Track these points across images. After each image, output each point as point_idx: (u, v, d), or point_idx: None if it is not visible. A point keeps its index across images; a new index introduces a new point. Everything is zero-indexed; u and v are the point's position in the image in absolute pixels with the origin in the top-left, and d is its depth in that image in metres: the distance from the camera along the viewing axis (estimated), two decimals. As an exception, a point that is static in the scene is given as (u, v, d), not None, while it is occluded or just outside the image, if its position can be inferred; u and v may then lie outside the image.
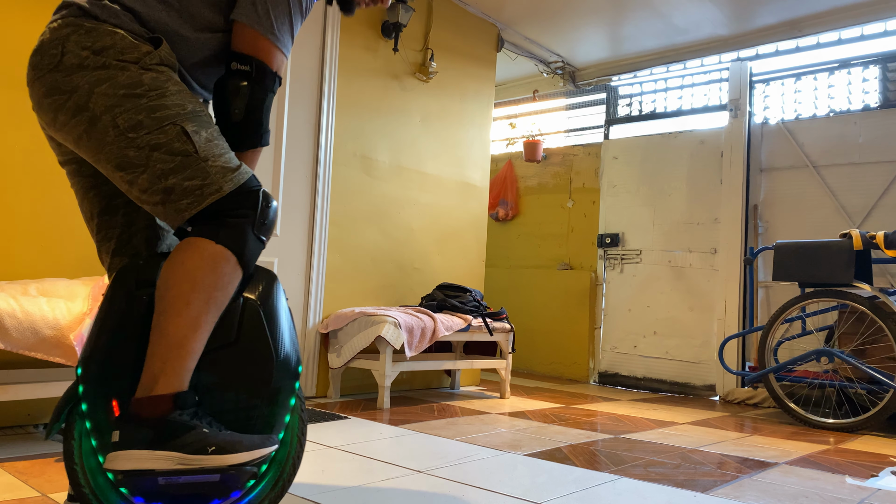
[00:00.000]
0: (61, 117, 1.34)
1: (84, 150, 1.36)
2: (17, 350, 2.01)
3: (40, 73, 1.34)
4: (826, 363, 3.58)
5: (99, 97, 1.31)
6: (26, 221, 2.62)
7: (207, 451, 1.23)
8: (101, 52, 1.33)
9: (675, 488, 2.10)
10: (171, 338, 1.26)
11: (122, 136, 1.31)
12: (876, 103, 4.27)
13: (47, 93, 1.34)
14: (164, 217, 1.35)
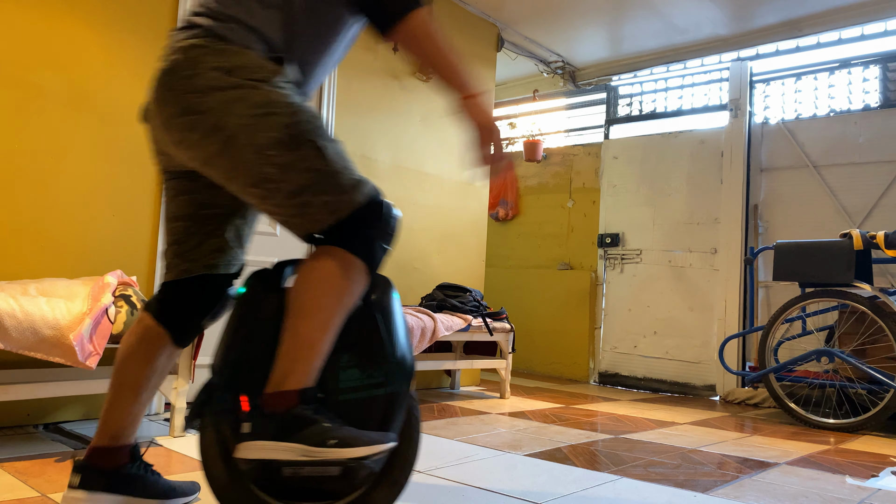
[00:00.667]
0: (193, 136, 1.37)
1: (214, 167, 1.39)
2: (17, 350, 2.01)
3: (172, 94, 1.37)
4: (826, 363, 3.58)
5: (234, 117, 1.34)
6: (26, 221, 2.62)
7: (328, 444, 1.29)
8: (232, 72, 1.36)
9: (675, 488, 2.09)
10: (302, 338, 1.34)
11: (259, 154, 1.34)
12: (876, 103, 4.27)
13: (179, 113, 1.37)
14: (296, 227, 1.40)
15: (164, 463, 2.12)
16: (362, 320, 1.45)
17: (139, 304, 2.32)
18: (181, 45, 1.39)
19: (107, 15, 2.86)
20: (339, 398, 1.41)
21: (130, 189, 2.92)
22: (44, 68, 2.67)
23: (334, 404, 1.41)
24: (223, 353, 1.42)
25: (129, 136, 2.92)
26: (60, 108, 2.71)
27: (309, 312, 1.35)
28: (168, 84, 1.38)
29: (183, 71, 1.36)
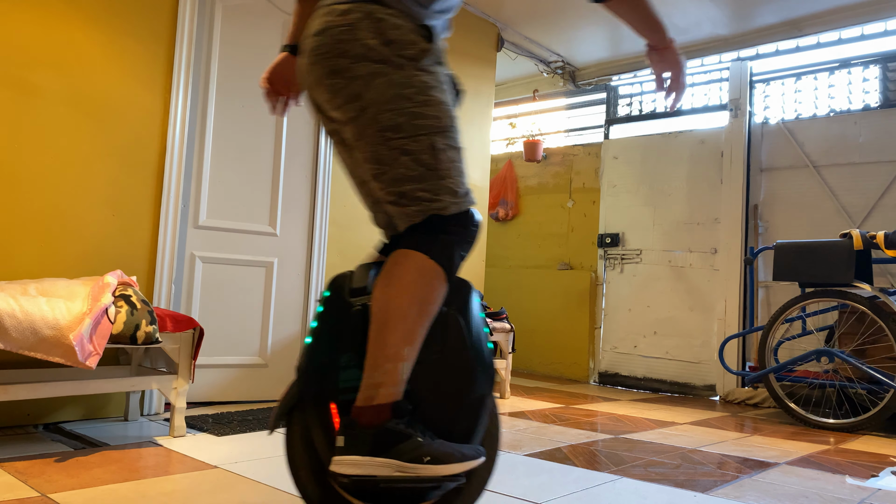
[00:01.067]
0: (337, 100, 1.41)
1: (348, 132, 1.43)
2: (17, 350, 2.01)
3: (326, 55, 1.39)
4: (826, 363, 3.58)
5: (373, 90, 1.37)
6: (26, 221, 2.62)
7: (423, 460, 1.28)
8: (386, 45, 1.38)
9: (675, 488, 2.09)
10: (389, 349, 1.32)
11: (379, 133, 1.38)
12: (876, 103, 4.27)
13: (329, 74, 1.40)
14: (392, 216, 1.43)
15: (163, 463, 2.12)
16: (445, 326, 1.42)
17: (139, 304, 2.32)
18: (340, 5, 1.40)
19: (107, 15, 2.86)
20: (428, 406, 1.39)
21: (130, 189, 2.92)
22: (44, 68, 2.67)
23: (423, 413, 1.39)
24: (309, 359, 1.40)
25: (129, 136, 2.92)
26: (60, 108, 2.71)
27: (394, 323, 1.32)
28: (321, 45, 1.40)
29: (339, 35, 1.38)
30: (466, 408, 1.40)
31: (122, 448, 2.29)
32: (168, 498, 1.76)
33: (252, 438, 2.53)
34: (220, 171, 3.29)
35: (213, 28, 3.29)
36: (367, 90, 1.37)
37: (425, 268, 1.36)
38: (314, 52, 1.41)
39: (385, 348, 1.32)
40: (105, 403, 2.84)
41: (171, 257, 3.03)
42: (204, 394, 3.22)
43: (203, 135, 3.24)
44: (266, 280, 3.44)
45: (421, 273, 1.35)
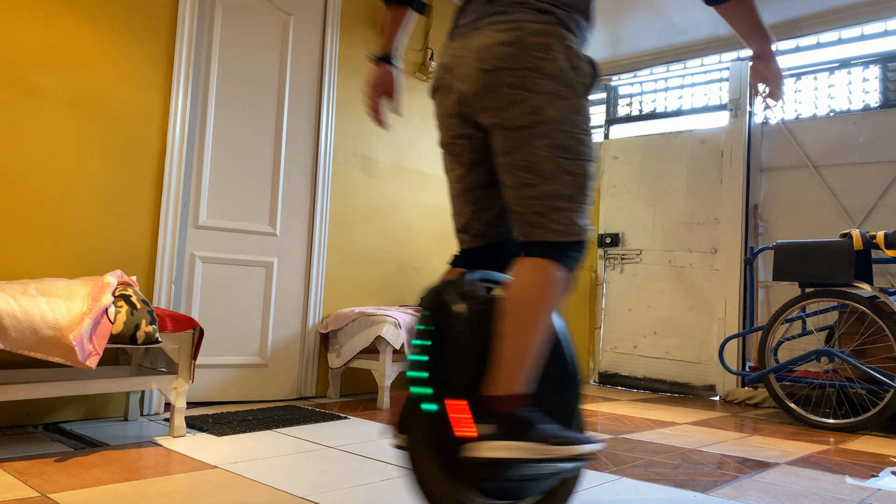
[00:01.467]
0: (512, 109, 1.52)
1: (505, 137, 1.55)
2: (17, 350, 2.01)
3: (514, 67, 1.52)
4: (826, 363, 3.58)
5: (553, 109, 1.51)
6: (26, 221, 2.62)
7: (554, 441, 1.42)
8: (573, 70, 1.54)
9: (675, 488, 2.09)
10: (525, 346, 1.46)
11: (550, 148, 1.52)
12: (876, 103, 4.27)
13: (512, 84, 1.52)
14: (527, 225, 1.56)
15: (163, 463, 2.12)
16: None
17: (139, 304, 2.32)
18: (535, 27, 1.54)
19: (106, 15, 2.86)
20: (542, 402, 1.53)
21: (130, 189, 2.92)
22: (44, 68, 2.67)
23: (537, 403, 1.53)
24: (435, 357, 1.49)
25: (129, 136, 2.92)
26: (60, 108, 2.71)
27: (532, 323, 1.47)
28: (512, 55, 1.52)
29: (534, 50, 1.51)
30: (571, 401, 1.57)
31: (122, 448, 2.29)
32: (168, 498, 1.76)
33: (252, 438, 2.53)
34: (220, 171, 3.29)
35: (213, 28, 3.29)
36: (549, 107, 1.51)
37: (560, 280, 1.53)
38: (501, 60, 1.53)
39: (521, 344, 1.47)
40: (105, 403, 2.84)
41: (171, 257, 3.03)
42: (204, 394, 3.22)
43: (203, 135, 3.24)
44: (266, 280, 3.44)
45: (553, 282, 1.52)
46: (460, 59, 1.61)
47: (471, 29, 1.62)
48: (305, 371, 3.56)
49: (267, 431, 2.67)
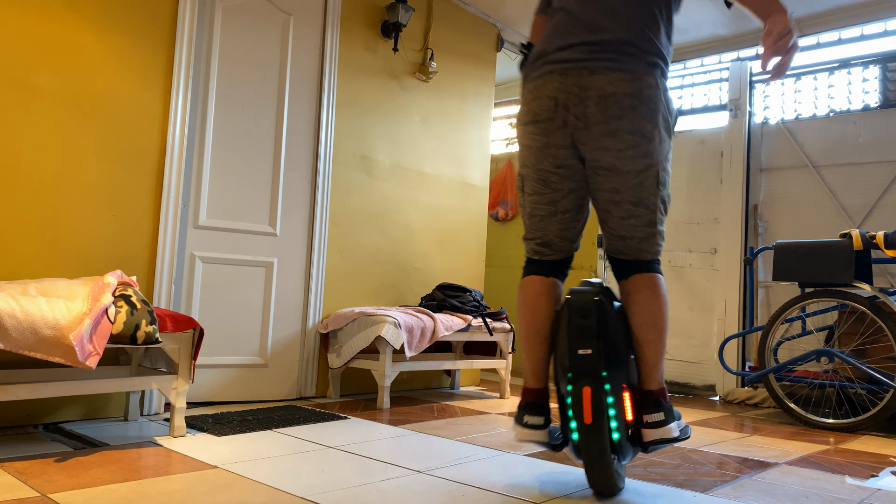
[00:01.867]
0: (628, 152, 1.85)
1: (615, 175, 1.89)
2: (17, 350, 2.02)
3: (634, 116, 1.83)
4: (826, 363, 3.58)
5: (659, 153, 1.87)
6: (26, 221, 2.62)
7: (679, 417, 1.95)
8: (670, 116, 1.90)
9: (675, 488, 2.10)
10: (662, 348, 1.93)
11: (653, 186, 1.89)
12: (876, 103, 4.27)
13: (632, 130, 1.83)
14: (633, 248, 1.96)
15: (163, 463, 2.12)
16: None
17: (139, 304, 2.32)
18: (648, 80, 1.84)
19: (106, 15, 2.86)
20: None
21: (130, 189, 2.92)
22: (44, 68, 2.67)
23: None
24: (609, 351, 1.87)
25: (129, 136, 2.92)
26: (60, 108, 2.72)
27: (664, 331, 1.93)
28: (633, 105, 1.82)
29: (649, 102, 1.83)
30: None
31: (122, 448, 2.29)
32: (168, 498, 1.76)
33: (252, 438, 2.53)
34: (220, 171, 3.29)
35: (213, 28, 3.29)
36: (656, 152, 1.86)
37: (665, 290, 1.96)
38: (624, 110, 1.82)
39: (662, 347, 1.93)
40: (105, 403, 2.84)
41: (171, 257, 3.04)
42: (204, 394, 3.22)
43: (203, 135, 3.24)
44: (266, 280, 3.44)
45: (665, 294, 1.95)
46: (576, 99, 1.86)
47: (581, 68, 1.86)
48: (305, 371, 3.56)
49: (267, 431, 2.67)
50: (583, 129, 1.86)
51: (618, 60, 1.83)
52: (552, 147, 1.92)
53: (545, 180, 1.98)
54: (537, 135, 1.93)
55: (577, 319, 1.87)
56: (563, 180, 1.96)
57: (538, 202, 2.02)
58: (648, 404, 1.91)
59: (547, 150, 1.93)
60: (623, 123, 1.82)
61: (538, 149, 1.95)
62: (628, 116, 1.81)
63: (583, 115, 1.85)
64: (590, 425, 1.83)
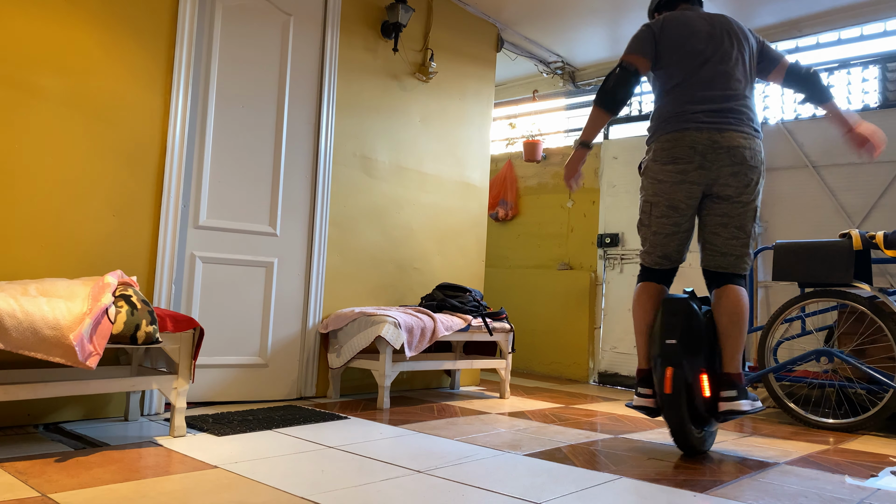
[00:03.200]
0: (744, 189, 2.57)
1: (731, 206, 2.59)
2: (17, 350, 2.02)
3: (751, 164, 2.57)
4: (826, 363, 3.59)
5: (759, 192, 2.62)
6: (26, 221, 2.62)
7: (752, 398, 2.51)
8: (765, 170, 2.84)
9: (674, 488, 2.10)
10: (741, 342, 2.55)
11: (752, 216, 2.62)
12: (876, 103, 4.27)
13: (747, 174, 2.56)
14: (730, 263, 2.61)
15: (163, 463, 2.12)
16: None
17: (139, 304, 2.33)
18: (756, 141, 2.61)
19: (107, 15, 2.86)
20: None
21: (130, 189, 2.92)
22: (44, 69, 2.67)
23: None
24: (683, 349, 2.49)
25: (130, 136, 2.92)
26: (60, 108, 2.72)
27: (744, 330, 2.55)
28: (751, 157, 2.57)
29: (758, 154, 2.60)
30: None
31: (122, 448, 2.29)
32: (168, 498, 1.76)
33: (252, 438, 2.53)
34: (220, 171, 3.29)
35: (213, 28, 3.29)
36: (758, 190, 2.61)
37: (747, 298, 2.59)
38: (747, 159, 2.56)
39: (741, 342, 2.55)
40: (105, 403, 2.84)
41: (172, 257, 3.04)
42: (204, 394, 3.22)
43: (203, 135, 3.24)
44: (266, 280, 3.44)
45: (746, 300, 2.59)
46: (712, 149, 2.55)
47: (715, 129, 2.56)
48: (305, 371, 3.56)
49: (267, 431, 2.67)
50: (717, 173, 2.56)
51: (741, 123, 2.59)
52: (690, 184, 2.58)
53: (676, 207, 2.63)
54: (675, 172, 2.59)
55: (668, 317, 2.54)
56: (690, 209, 2.63)
57: (664, 224, 2.66)
58: (725, 384, 2.50)
59: (686, 186, 2.59)
60: (744, 168, 2.55)
61: (677, 184, 2.60)
62: (748, 165, 2.56)
63: (717, 161, 2.55)
64: (670, 395, 2.47)
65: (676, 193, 2.59)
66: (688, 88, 2.61)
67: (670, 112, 2.62)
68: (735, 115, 2.57)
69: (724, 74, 2.61)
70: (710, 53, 2.62)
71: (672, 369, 2.47)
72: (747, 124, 2.58)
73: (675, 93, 2.63)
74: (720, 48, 2.63)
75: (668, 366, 2.48)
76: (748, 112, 2.61)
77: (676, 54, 2.65)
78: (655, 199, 2.64)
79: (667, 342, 2.51)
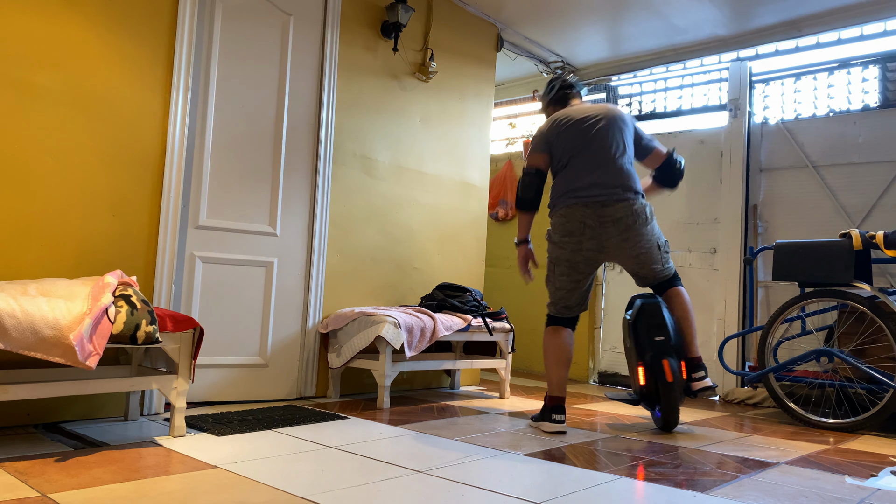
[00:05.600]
0: (638, 247, 3.06)
1: (636, 257, 3.08)
2: (17, 350, 2.02)
3: (643, 223, 3.05)
4: (826, 363, 3.59)
5: (654, 230, 3.10)
6: (26, 221, 2.62)
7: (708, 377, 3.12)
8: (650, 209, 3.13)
9: (674, 488, 2.10)
10: (694, 331, 3.11)
11: (657, 243, 3.10)
12: (875, 103, 4.27)
13: (642, 237, 3.05)
14: (657, 275, 3.15)
15: (163, 463, 2.12)
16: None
17: (139, 304, 2.33)
18: (641, 202, 3.08)
19: (107, 15, 2.86)
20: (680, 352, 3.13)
21: (130, 189, 2.92)
22: (44, 68, 2.67)
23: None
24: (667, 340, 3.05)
25: (129, 136, 2.92)
26: (60, 108, 2.72)
27: (692, 318, 3.12)
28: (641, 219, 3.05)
29: (645, 213, 3.07)
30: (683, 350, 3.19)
31: (122, 448, 2.29)
32: (168, 498, 1.76)
33: (252, 438, 2.53)
34: (220, 171, 3.29)
35: (213, 28, 3.29)
36: (654, 231, 3.09)
37: (686, 293, 3.20)
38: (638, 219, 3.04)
39: (693, 330, 3.11)
40: (105, 403, 2.84)
41: (171, 257, 3.04)
42: (204, 394, 3.22)
43: (203, 135, 3.24)
44: (266, 280, 3.44)
45: (687, 295, 3.19)
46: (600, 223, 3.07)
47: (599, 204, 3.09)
48: (305, 371, 3.56)
49: (267, 431, 2.67)
50: (605, 239, 3.04)
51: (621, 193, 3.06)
52: (583, 250, 3.05)
53: (575, 267, 3.08)
54: (571, 243, 3.05)
55: (651, 318, 3.07)
56: (590, 268, 3.11)
57: (566, 281, 3.10)
58: (694, 366, 3.05)
59: (579, 252, 3.05)
60: (629, 232, 3.03)
61: (572, 250, 3.05)
62: (641, 225, 3.04)
63: (603, 232, 3.03)
64: (671, 383, 2.97)
65: (575, 257, 3.06)
66: (573, 169, 3.11)
67: (562, 190, 3.12)
68: (616, 187, 3.05)
69: (604, 152, 3.11)
70: (590, 137, 3.12)
71: (667, 361, 2.97)
72: (630, 190, 3.06)
73: (565, 172, 3.14)
74: (600, 132, 3.14)
75: (662, 358, 2.98)
76: (627, 181, 3.08)
77: (563, 143, 3.17)
78: (558, 260, 3.10)
79: (656, 339, 3.01)
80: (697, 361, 3.05)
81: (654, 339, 3.02)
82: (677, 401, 3.01)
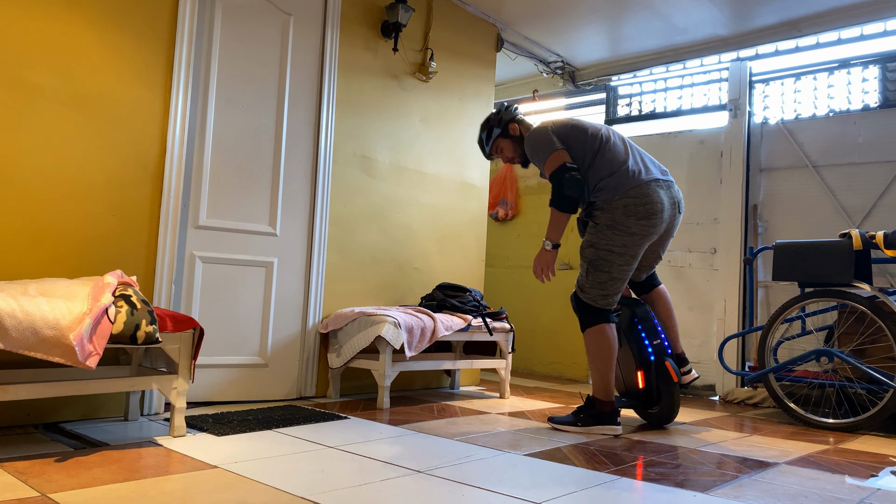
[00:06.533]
0: (672, 234, 3.14)
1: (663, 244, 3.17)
2: (17, 350, 2.02)
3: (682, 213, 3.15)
4: (826, 363, 3.58)
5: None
6: (26, 221, 2.62)
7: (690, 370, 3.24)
8: None
9: (674, 488, 2.10)
10: (678, 328, 3.26)
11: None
12: (875, 103, 4.27)
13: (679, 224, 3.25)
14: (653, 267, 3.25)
15: (163, 463, 2.12)
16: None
17: (139, 304, 2.33)
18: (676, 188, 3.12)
19: (107, 15, 2.86)
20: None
21: (130, 189, 2.92)
22: (44, 68, 2.67)
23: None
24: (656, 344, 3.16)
25: (130, 135, 2.92)
26: (60, 108, 2.72)
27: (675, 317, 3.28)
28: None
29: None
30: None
31: (122, 448, 2.29)
32: (168, 498, 1.76)
33: (252, 438, 2.53)
34: (220, 171, 3.29)
35: (213, 28, 3.29)
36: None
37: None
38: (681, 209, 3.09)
39: (677, 327, 3.25)
40: (105, 403, 2.84)
41: (171, 257, 3.04)
42: (204, 394, 3.22)
43: (203, 135, 3.24)
44: (266, 280, 3.44)
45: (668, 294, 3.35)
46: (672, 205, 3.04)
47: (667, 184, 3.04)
48: (305, 371, 3.56)
49: (267, 431, 2.67)
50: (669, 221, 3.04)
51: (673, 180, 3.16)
52: (655, 234, 2.95)
53: (636, 255, 2.95)
54: (648, 226, 2.90)
55: (645, 322, 3.16)
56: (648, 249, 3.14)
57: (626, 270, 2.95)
58: (681, 361, 3.20)
59: (649, 237, 2.94)
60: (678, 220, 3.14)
61: (644, 235, 2.92)
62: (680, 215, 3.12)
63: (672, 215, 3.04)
64: (676, 382, 3.13)
65: (644, 242, 2.96)
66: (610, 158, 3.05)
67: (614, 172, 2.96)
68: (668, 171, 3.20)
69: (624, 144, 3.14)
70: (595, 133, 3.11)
71: (669, 362, 3.11)
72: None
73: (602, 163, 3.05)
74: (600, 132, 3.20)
75: (666, 360, 3.11)
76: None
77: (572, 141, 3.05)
78: (624, 246, 2.90)
79: (655, 343, 3.14)
80: (683, 356, 3.22)
81: (653, 342, 3.14)
82: (678, 399, 3.19)
